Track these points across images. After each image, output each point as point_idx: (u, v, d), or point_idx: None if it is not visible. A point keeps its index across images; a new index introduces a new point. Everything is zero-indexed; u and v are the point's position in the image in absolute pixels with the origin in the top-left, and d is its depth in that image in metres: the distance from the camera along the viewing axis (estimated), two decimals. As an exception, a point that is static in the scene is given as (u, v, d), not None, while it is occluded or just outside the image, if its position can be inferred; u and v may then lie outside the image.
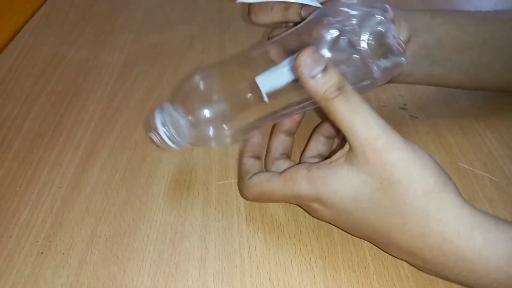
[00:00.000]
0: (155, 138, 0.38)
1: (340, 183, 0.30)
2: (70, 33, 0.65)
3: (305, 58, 0.29)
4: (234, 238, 0.36)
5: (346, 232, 0.35)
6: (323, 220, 0.35)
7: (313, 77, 0.29)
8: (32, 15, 0.69)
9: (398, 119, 0.47)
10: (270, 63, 0.35)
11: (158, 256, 0.35)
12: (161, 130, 0.37)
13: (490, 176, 0.41)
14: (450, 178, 0.29)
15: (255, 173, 0.35)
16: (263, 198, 0.35)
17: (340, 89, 0.29)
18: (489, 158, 0.43)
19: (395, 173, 0.28)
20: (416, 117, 0.48)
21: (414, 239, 0.29)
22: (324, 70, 0.29)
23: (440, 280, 0.33)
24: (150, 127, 0.38)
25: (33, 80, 0.55)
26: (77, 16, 0.69)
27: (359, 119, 0.29)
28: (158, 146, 0.38)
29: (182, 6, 0.72)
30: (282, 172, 0.33)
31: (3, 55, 0.60)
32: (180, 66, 0.58)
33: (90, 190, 0.41)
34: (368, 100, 0.29)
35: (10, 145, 0.46)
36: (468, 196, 0.39)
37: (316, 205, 0.32)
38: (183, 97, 0.38)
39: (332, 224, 0.36)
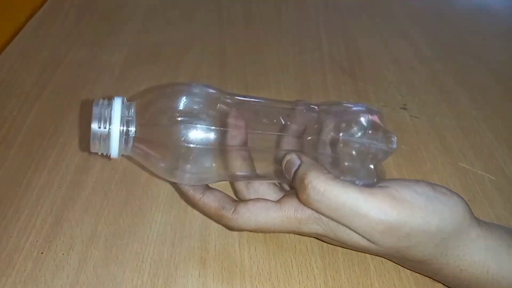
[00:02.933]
0: (98, 133, 0.30)
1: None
2: (70, 33, 0.65)
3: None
4: (234, 238, 0.36)
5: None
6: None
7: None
8: (32, 15, 0.69)
9: (398, 119, 0.47)
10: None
11: (158, 256, 0.35)
12: (116, 129, 0.30)
13: (490, 176, 0.41)
14: (463, 204, 0.29)
15: (238, 204, 0.32)
16: (258, 231, 0.32)
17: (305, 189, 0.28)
18: (489, 158, 0.43)
19: (412, 239, 0.28)
20: (416, 117, 0.48)
21: (429, 273, 0.31)
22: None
23: (440, 280, 0.33)
24: (100, 116, 0.30)
25: (33, 80, 0.55)
26: (77, 16, 0.69)
27: (347, 210, 0.28)
28: (93, 143, 0.31)
29: (182, 6, 0.72)
30: (281, 203, 0.31)
31: (3, 55, 0.60)
32: (180, 66, 0.58)
33: (90, 190, 0.41)
34: (368, 101, 0.29)
35: (10, 145, 0.46)
36: (468, 196, 0.39)
37: (325, 239, 0.31)
38: (152, 102, 0.32)
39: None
